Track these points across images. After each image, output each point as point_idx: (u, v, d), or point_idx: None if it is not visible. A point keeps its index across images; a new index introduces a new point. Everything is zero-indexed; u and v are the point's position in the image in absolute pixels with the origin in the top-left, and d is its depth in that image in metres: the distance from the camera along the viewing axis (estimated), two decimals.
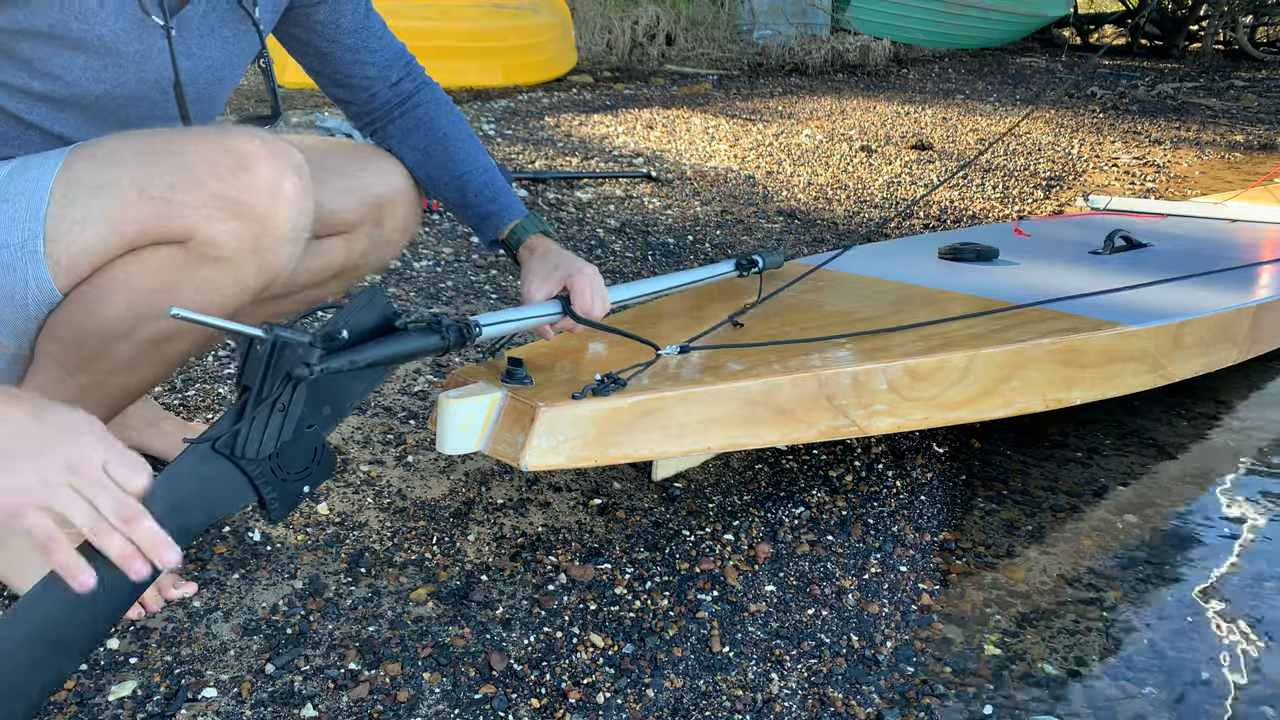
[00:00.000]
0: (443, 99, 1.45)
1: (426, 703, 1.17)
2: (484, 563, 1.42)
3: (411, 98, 1.42)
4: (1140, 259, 2.43)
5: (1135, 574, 1.60)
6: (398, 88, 1.41)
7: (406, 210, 1.41)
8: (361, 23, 1.36)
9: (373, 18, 1.37)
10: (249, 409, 0.97)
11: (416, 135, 1.41)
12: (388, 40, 1.40)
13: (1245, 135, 5.55)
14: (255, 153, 1.07)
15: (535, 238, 1.42)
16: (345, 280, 1.46)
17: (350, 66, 1.38)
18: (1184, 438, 2.08)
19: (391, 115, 1.42)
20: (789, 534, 1.58)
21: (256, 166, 1.07)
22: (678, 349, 1.48)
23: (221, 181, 1.06)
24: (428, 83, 1.44)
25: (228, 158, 1.06)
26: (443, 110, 1.43)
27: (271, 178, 1.07)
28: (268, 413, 0.97)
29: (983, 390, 1.65)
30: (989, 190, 4.04)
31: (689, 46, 7.20)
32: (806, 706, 1.24)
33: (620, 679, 1.24)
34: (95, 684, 1.13)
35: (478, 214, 1.43)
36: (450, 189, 1.43)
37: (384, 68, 1.39)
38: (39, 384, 1.17)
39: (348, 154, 1.35)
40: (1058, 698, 1.32)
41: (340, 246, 1.36)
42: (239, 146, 1.07)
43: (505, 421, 1.31)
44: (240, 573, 1.33)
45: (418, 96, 1.42)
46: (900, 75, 7.15)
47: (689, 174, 3.87)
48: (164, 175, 1.05)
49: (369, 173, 1.36)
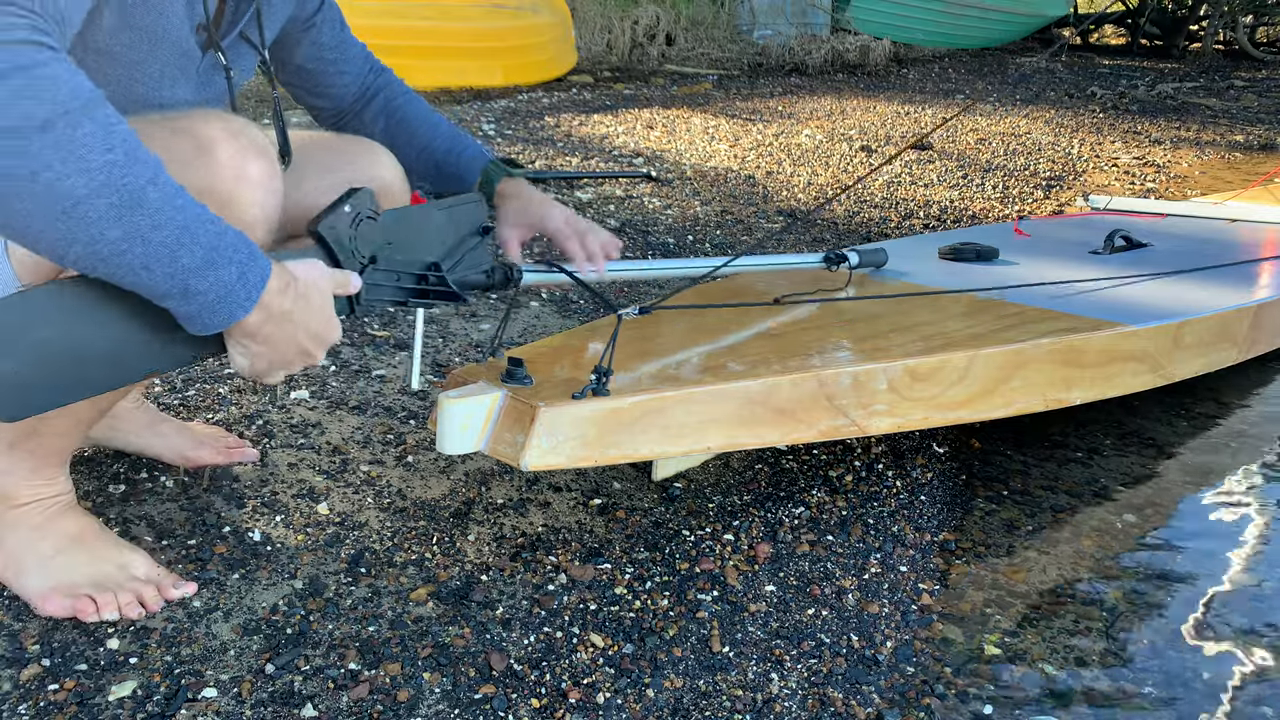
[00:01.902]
0: (396, 81, 1.50)
1: (426, 703, 1.17)
2: (484, 563, 1.42)
3: (372, 89, 1.47)
4: (1140, 259, 2.43)
5: (1135, 574, 1.60)
6: (365, 84, 1.46)
7: (395, 200, 1.41)
8: (339, 37, 1.39)
9: (346, 28, 1.41)
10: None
11: (379, 121, 1.45)
12: (357, 46, 1.45)
13: (1245, 135, 5.55)
14: (216, 136, 1.03)
15: (504, 183, 1.46)
16: None
17: (331, 79, 1.42)
18: (1184, 438, 2.08)
19: (354, 109, 1.47)
20: (789, 534, 1.58)
21: (217, 150, 1.03)
22: (636, 310, 1.49)
23: (184, 168, 1.01)
24: (384, 70, 1.49)
25: (188, 143, 1.03)
26: (397, 91, 1.48)
27: (234, 161, 1.04)
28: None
29: (983, 390, 1.65)
30: (989, 190, 4.04)
31: (689, 46, 7.20)
32: (806, 706, 1.24)
33: (620, 679, 1.24)
34: (95, 684, 1.13)
35: (450, 177, 1.46)
36: (420, 162, 1.47)
37: (357, 75, 1.44)
38: None
39: (329, 149, 1.34)
40: (1058, 698, 1.32)
41: None
42: (199, 131, 1.04)
43: (505, 421, 1.31)
44: (240, 573, 1.33)
45: (377, 84, 1.47)
46: (900, 75, 7.15)
47: (689, 174, 3.87)
48: None
49: (354, 167, 1.35)
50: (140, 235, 0.84)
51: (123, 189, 0.82)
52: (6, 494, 1.20)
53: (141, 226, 0.84)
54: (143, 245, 0.85)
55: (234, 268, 0.92)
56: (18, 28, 0.78)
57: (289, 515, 1.46)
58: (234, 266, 0.92)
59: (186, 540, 1.38)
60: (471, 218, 1.35)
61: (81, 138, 0.79)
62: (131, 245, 0.84)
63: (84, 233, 0.81)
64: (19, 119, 0.76)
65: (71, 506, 1.25)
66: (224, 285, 0.92)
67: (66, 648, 1.17)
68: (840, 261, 1.98)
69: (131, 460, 1.52)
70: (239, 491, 1.49)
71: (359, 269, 1.15)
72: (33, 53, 0.78)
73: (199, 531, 1.40)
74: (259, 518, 1.45)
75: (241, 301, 0.94)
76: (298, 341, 1.02)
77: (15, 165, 0.77)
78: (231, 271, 0.92)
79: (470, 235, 1.35)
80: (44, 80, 0.78)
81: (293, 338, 1.01)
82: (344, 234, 1.13)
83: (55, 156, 0.78)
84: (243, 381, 1.82)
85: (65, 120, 0.78)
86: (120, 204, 0.82)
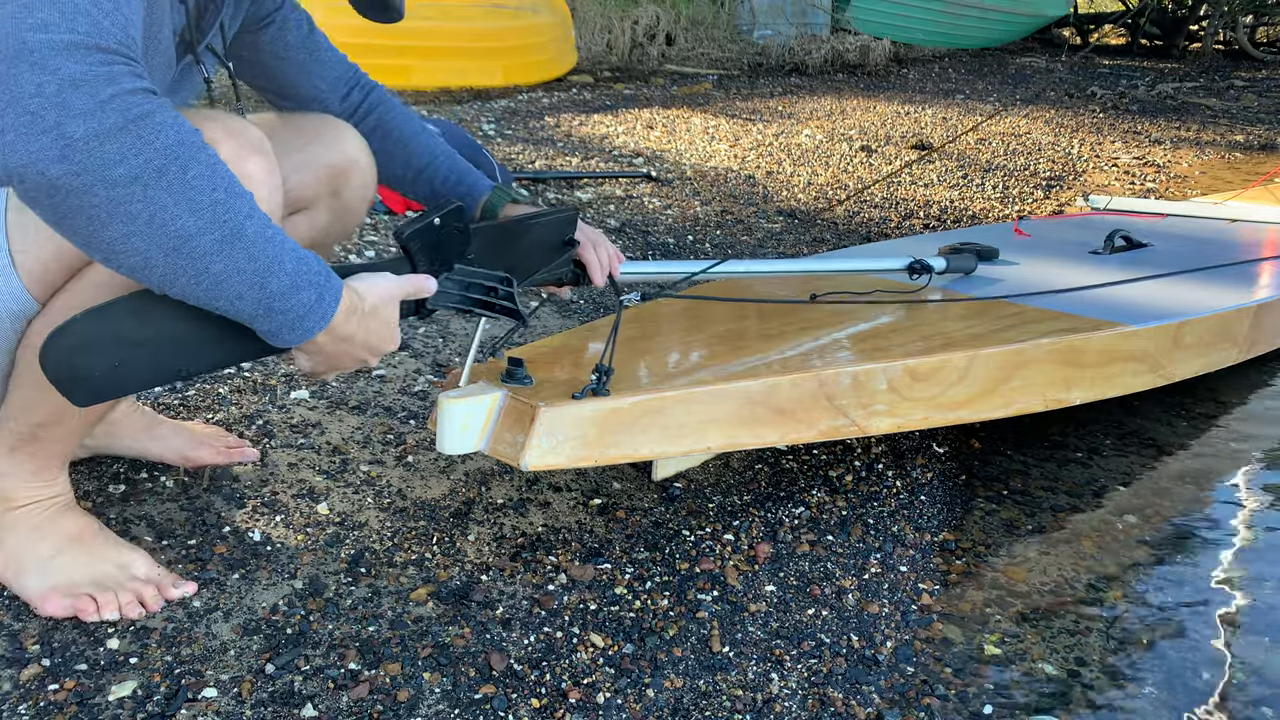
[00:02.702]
0: (391, 101, 1.48)
1: (426, 703, 1.17)
2: (484, 563, 1.42)
3: (361, 106, 1.45)
4: (1140, 259, 2.43)
5: (1135, 574, 1.60)
6: (349, 99, 1.44)
7: (362, 176, 1.41)
8: (306, 39, 1.38)
9: (316, 33, 1.40)
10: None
11: (373, 140, 1.43)
12: (334, 54, 1.43)
13: (1245, 135, 5.55)
14: (215, 136, 1.03)
15: (508, 207, 1.46)
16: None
17: (300, 80, 1.40)
18: (1184, 438, 2.08)
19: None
20: (789, 534, 1.58)
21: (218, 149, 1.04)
22: (638, 296, 1.52)
23: None
24: (375, 87, 1.48)
25: None
26: (393, 111, 1.47)
27: (234, 159, 1.04)
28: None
29: (983, 390, 1.65)
30: (989, 190, 4.04)
31: (689, 46, 7.20)
32: (806, 706, 1.24)
33: (620, 679, 1.24)
34: (95, 684, 1.13)
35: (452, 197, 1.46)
36: (418, 184, 1.47)
37: (334, 82, 1.43)
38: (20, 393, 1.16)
39: (293, 128, 1.33)
40: (1058, 698, 1.32)
41: (303, 223, 1.34)
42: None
43: (505, 421, 1.31)
44: (240, 573, 1.33)
45: (367, 103, 1.46)
46: (900, 75, 7.15)
47: (689, 174, 3.87)
48: None
49: (317, 144, 1.34)
50: (238, 267, 0.91)
51: (226, 224, 0.89)
52: (5, 495, 1.20)
53: (239, 259, 0.90)
54: (239, 276, 0.91)
55: (313, 291, 0.98)
56: (125, 76, 0.83)
57: (289, 515, 1.46)
58: (313, 290, 0.98)
59: (186, 540, 1.38)
60: (561, 231, 1.43)
61: (192, 179, 0.85)
62: (230, 275, 0.91)
63: (191, 266, 0.88)
64: (140, 167, 0.82)
65: (70, 506, 1.25)
66: (303, 306, 0.98)
67: (66, 648, 1.17)
68: (924, 272, 1.96)
69: (131, 460, 1.52)
70: (239, 491, 1.49)
71: (436, 276, 1.20)
72: (143, 102, 0.83)
73: (199, 531, 1.40)
74: (259, 518, 1.45)
75: (317, 320, 0.99)
76: (354, 354, 1.09)
77: (138, 210, 0.83)
78: (310, 295, 0.98)
79: (556, 248, 1.42)
80: (157, 128, 0.83)
81: (350, 353, 1.08)
82: (426, 246, 1.19)
83: (170, 199, 0.84)
84: (242, 382, 1.82)
85: (177, 165, 0.84)
86: (223, 238, 0.89)
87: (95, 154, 0.80)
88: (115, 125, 0.81)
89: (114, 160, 0.81)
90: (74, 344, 0.93)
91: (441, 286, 1.22)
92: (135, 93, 0.83)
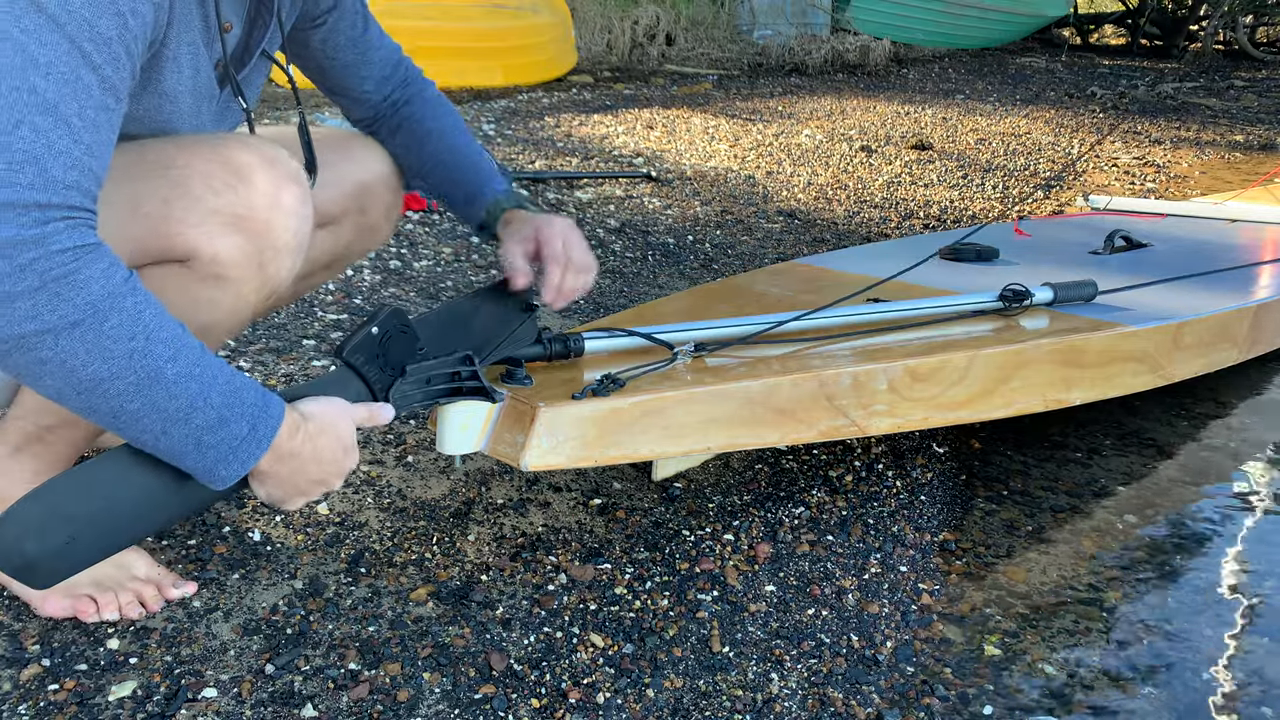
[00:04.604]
0: (431, 97, 1.45)
1: (426, 703, 1.17)
2: (484, 563, 1.42)
3: (401, 102, 1.43)
4: (1140, 259, 2.43)
5: (1135, 574, 1.60)
6: (390, 97, 1.42)
7: (389, 195, 1.41)
8: (359, 38, 1.35)
9: (370, 30, 1.37)
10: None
11: (402, 133, 1.42)
12: (385, 51, 1.40)
13: (1245, 135, 5.55)
14: (251, 164, 1.05)
15: (511, 211, 1.42)
16: (334, 270, 1.46)
17: (348, 80, 1.39)
18: (1184, 438, 2.08)
19: (383, 117, 1.43)
20: (789, 534, 1.58)
21: (254, 178, 1.05)
22: (692, 348, 1.48)
23: (219, 196, 1.04)
24: (420, 85, 1.45)
25: (224, 170, 1.04)
26: (429, 108, 1.44)
27: (270, 189, 1.06)
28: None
29: (983, 390, 1.65)
30: (989, 190, 4.04)
31: (689, 46, 7.20)
32: (806, 706, 1.24)
33: (620, 679, 1.24)
34: (95, 684, 1.13)
35: (463, 200, 1.44)
36: (437, 180, 1.45)
37: (380, 81, 1.40)
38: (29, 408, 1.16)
39: (324, 145, 1.34)
40: (1058, 698, 1.32)
41: (327, 239, 1.35)
42: (235, 158, 1.05)
43: (505, 422, 1.31)
44: (240, 573, 1.33)
45: (408, 94, 1.43)
46: (900, 75, 7.15)
47: (689, 174, 3.87)
48: (157, 190, 1.03)
49: (348, 162, 1.35)
50: (157, 406, 0.91)
51: (141, 370, 0.89)
52: (5, 497, 1.20)
53: (158, 398, 0.90)
54: (158, 414, 0.91)
55: (245, 423, 0.96)
56: (60, 234, 0.84)
57: (289, 515, 1.46)
58: (245, 422, 0.96)
59: (186, 540, 1.38)
60: (517, 298, 1.39)
61: (109, 330, 0.86)
62: (147, 413, 0.91)
63: (106, 405, 0.89)
64: (54, 321, 0.84)
65: None
66: (235, 439, 0.95)
67: (66, 648, 1.17)
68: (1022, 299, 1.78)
69: None
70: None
71: (389, 384, 1.16)
72: (68, 261, 0.84)
73: (199, 531, 1.40)
74: (259, 518, 1.45)
75: (253, 450, 0.97)
76: (309, 475, 1.05)
77: (50, 356, 0.85)
78: (243, 426, 0.96)
79: (515, 313, 1.38)
80: (79, 285, 0.84)
81: (304, 473, 1.04)
82: (370, 357, 1.14)
83: (82, 348, 0.86)
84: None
85: (94, 317, 0.85)
86: (139, 381, 0.89)
87: (3, 313, 0.82)
88: (30, 287, 0.82)
89: (24, 317, 0.83)
90: (19, 531, 0.91)
91: (400, 393, 1.16)
92: (63, 252, 0.83)
